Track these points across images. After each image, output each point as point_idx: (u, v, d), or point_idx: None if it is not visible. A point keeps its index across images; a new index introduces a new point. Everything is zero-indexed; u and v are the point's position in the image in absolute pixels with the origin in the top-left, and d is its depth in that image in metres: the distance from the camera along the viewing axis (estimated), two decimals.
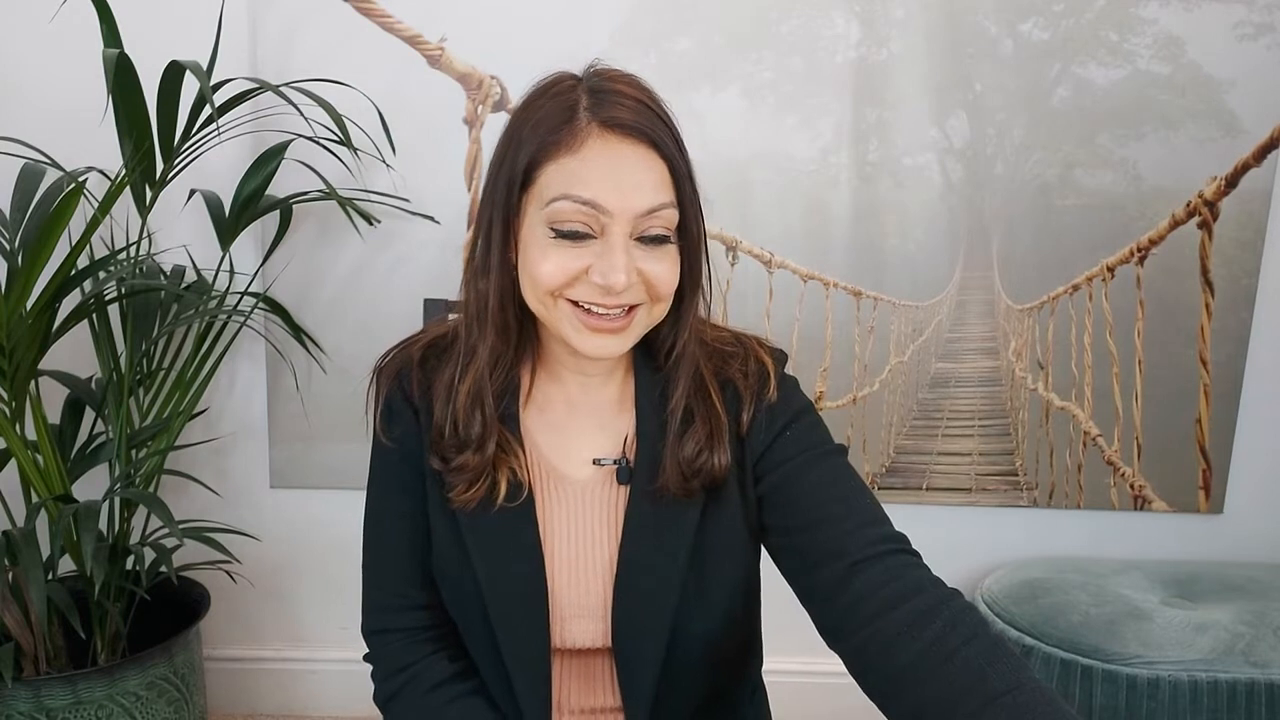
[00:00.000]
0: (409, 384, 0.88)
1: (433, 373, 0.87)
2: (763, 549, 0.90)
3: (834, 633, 0.78)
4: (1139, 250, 1.83)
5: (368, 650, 0.92)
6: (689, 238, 0.82)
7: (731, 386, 0.87)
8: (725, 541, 0.86)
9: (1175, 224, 1.81)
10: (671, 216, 0.79)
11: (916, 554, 0.80)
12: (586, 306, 0.79)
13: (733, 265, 1.82)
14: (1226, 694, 1.53)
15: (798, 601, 0.83)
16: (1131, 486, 1.90)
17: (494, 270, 0.82)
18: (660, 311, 0.82)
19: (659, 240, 0.79)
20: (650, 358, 0.88)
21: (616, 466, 0.88)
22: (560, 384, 0.89)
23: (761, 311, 1.84)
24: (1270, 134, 1.78)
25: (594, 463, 0.88)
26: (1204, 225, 1.81)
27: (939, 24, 1.76)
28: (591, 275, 0.77)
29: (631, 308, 0.79)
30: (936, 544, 0.81)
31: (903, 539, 0.80)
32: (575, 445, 0.89)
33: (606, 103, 0.78)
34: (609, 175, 0.76)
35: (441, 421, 0.85)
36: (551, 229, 0.77)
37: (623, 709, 0.89)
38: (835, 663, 0.78)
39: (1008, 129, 1.80)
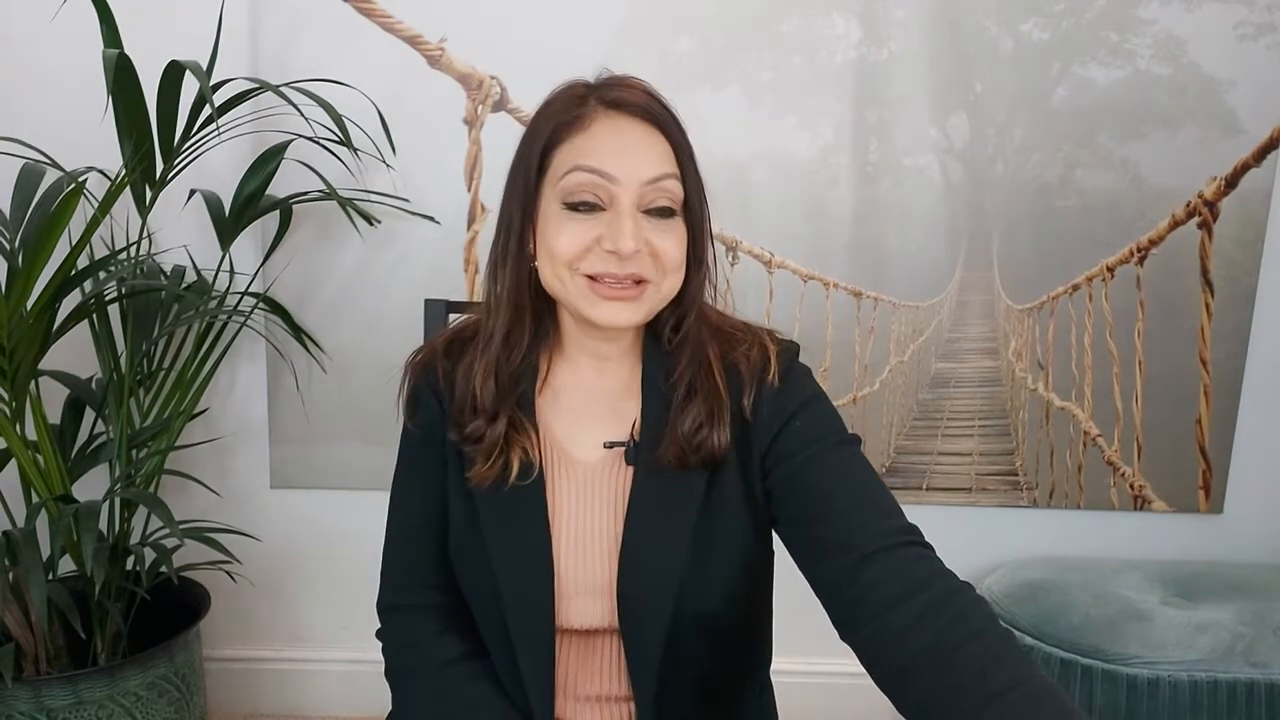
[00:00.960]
0: (434, 373, 0.93)
1: (457, 361, 0.92)
2: (775, 538, 0.91)
3: (846, 624, 0.78)
4: (1139, 250, 1.83)
5: (380, 626, 0.96)
6: (693, 214, 0.86)
7: (734, 370, 0.89)
8: (727, 520, 0.88)
9: (1175, 224, 1.81)
10: (675, 189, 0.84)
11: (929, 546, 0.80)
12: (599, 278, 0.82)
13: (733, 265, 1.82)
14: (1226, 694, 1.53)
15: (802, 602, 0.83)
16: (1131, 486, 1.90)
17: (511, 259, 0.87)
18: (670, 287, 0.85)
19: (665, 213, 0.84)
20: (657, 341, 0.91)
21: (624, 448, 0.90)
22: (576, 370, 0.93)
23: (762, 312, 1.83)
24: (1270, 134, 1.78)
25: (605, 446, 0.91)
26: (1204, 225, 1.81)
27: (939, 24, 1.76)
28: (602, 243, 0.81)
29: (640, 281, 0.83)
30: (937, 544, 0.81)
31: (915, 530, 0.81)
32: (587, 430, 0.92)
33: (613, 89, 0.85)
34: (615, 147, 0.83)
35: (463, 399, 0.90)
36: (564, 204, 0.83)
37: (628, 696, 0.90)
38: (838, 663, 0.78)
39: (1008, 129, 1.80)
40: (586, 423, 0.92)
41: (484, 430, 0.88)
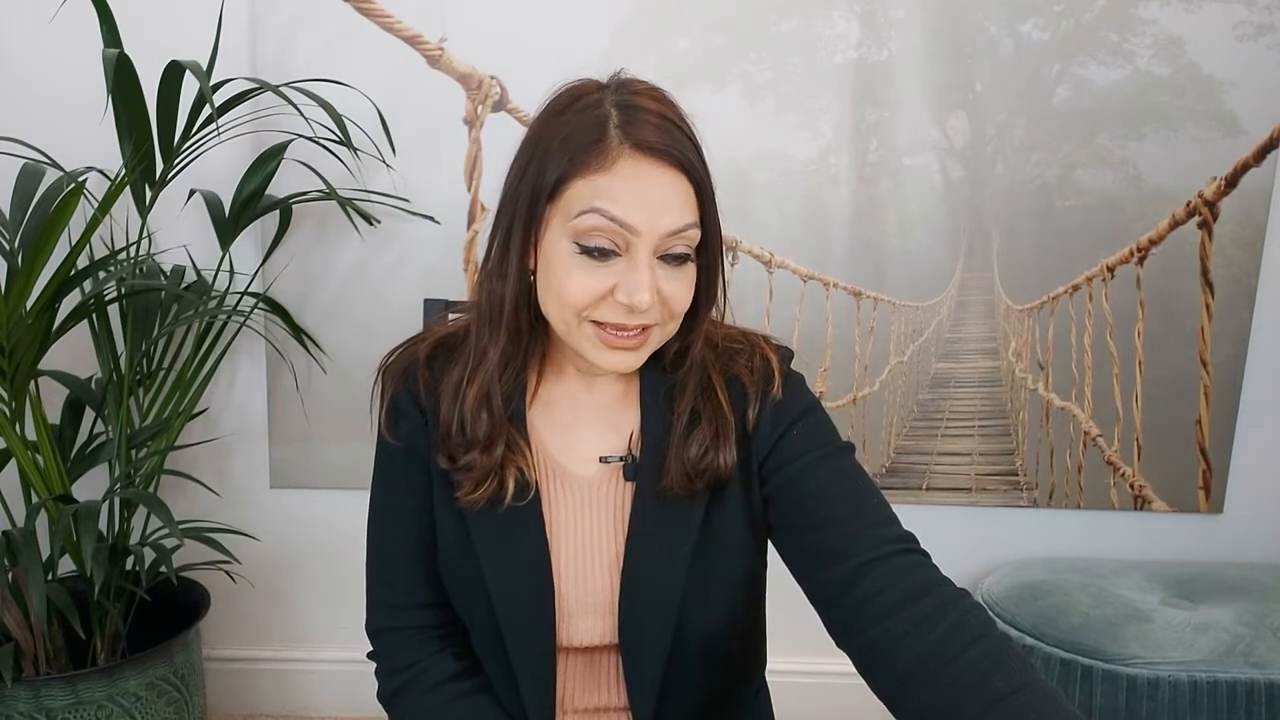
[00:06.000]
0: (415, 383, 0.88)
1: (440, 372, 0.87)
2: (770, 547, 0.90)
3: (842, 632, 0.78)
4: (1139, 250, 1.83)
5: (371, 648, 0.93)
6: (708, 255, 0.83)
7: (737, 383, 0.88)
8: (729, 538, 0.87)
9: (1175, 224, 1.81)
10: (695, 236, 0.80)
11: (925, 554, 0.80)
12: (607, 326, 0.79)
13: (733, 265, 1.82)
14: (1226, 694, 1.52)
15: (800, 602, 0.83)
16: (1131, 486, 1.90)
17: (511, 275, 0.82)
18: (673, 329, 0.83)
19: (680, 260, 0.80)
20: (656, 358, 0.88)
21: (622, 463, 0.88)
22: (566, 383, 0.90)
23: (761, 311, 1.84)
24: (1270, 134, 1.78)
25: (600, 460, 0.89)
26: (1204, 225, 1.81)
27: (939, 24, 1.76)
28: (616, 294, 0.78)
29: (646, 327, 0.80)
30: (936, 544, 0.81)
31: (911, 539, 0.80)
32: (581, 443, 0.89)
33: (636, 121, 0.78)
34: (638, 195, 0.77)
35: (449, 420, 0.85)
36: (577, 244, 0.78)
37: (626, 707, 0.89)
38: (837, 663, 0.78)
39: (1008, 129, 1.80)
40: (580, 437, 0.89)
41: (478, 460, 0.84)
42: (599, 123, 0.78)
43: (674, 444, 0.85)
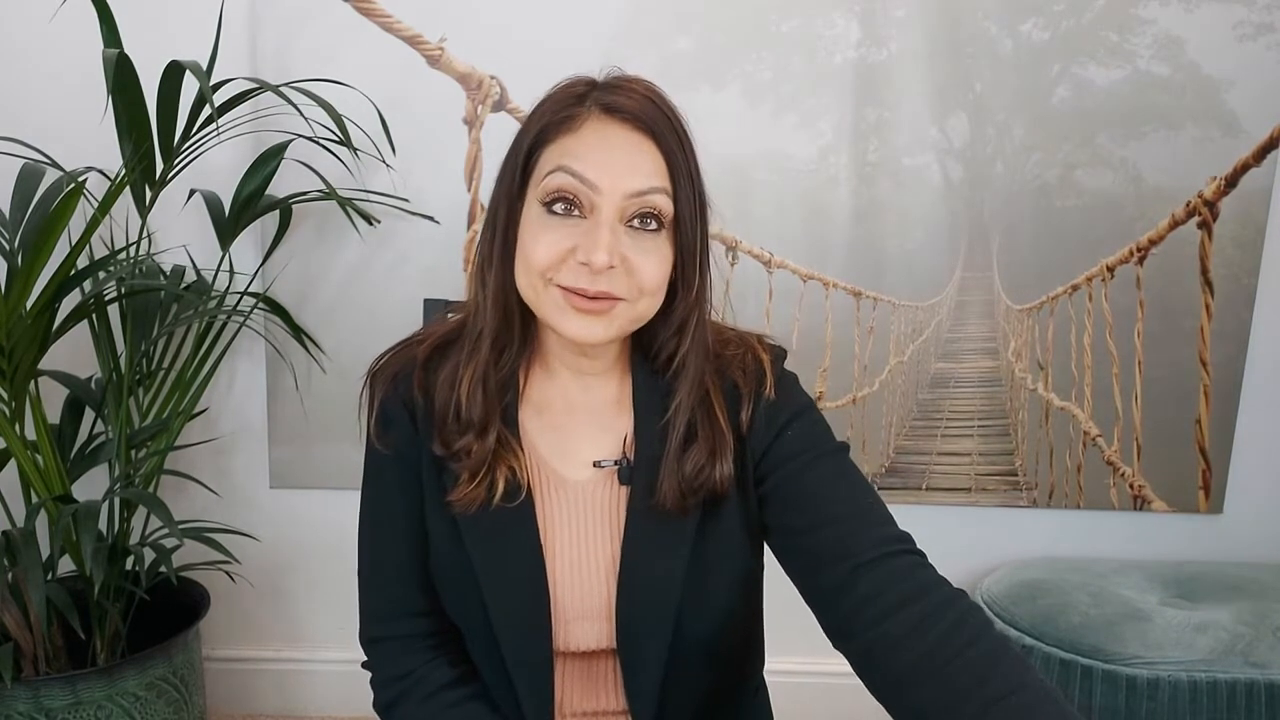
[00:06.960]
0: (407, 387, 0.87)
1: (436, 370, 0.87)
2: (766, 548, 0.90)
3: (839, 634, 0.77)
4: (1139, 250, 1.83)
5: (366, 658, 0.92)
6: (683, 234, 0.81)
7: (732, 385, 0.87)
8: (726, 541, 0.86)
9: (1175, 224, 1.81)
10: (663, 204, 0.79)
11: (921, 554, 0.79)
12: (571, 290, 0.78)
13: (733, 265, 1.82)
14: (1226, 694, 1.53)
15: (799, 602, 0.82)
16: (1131, 486, 1.90)
17: (497, 259, 0.83)
18: (645, 308, 0.81)
19: (648, 225, 0.79)
20: (648, 360, 0.87)
21: (617, 468, 0.87)
22: (558, 384, 0.89)
23: (761, 311, 1.84)
24: (1270, 134, 1.78)
25: (594, 465, 0.88)
26: (1204, 225, 1.81)
27: (939, 24, 1.76)
28: (576, 254, 0.77)
29: (613, 299, 0.78)
30: (936, 544, 0.81)
31: (907, 539, 0.80)
32: (574, 447, 0.88)
33: (611, 91, 0.80)
34: (602, 154, 0.78)
35: (445, 409, 0.85)
36: (543, 205, 0.79)
37: (626, 711, 0.89)
38: (836, 663, 0.78)
39: (1008, 129, 1.80)
40: (573, 440, 0.88)
41: (473, 445, 0.83)
42: (577, 96, 0.81)
43: (668, 459, 0.84)
